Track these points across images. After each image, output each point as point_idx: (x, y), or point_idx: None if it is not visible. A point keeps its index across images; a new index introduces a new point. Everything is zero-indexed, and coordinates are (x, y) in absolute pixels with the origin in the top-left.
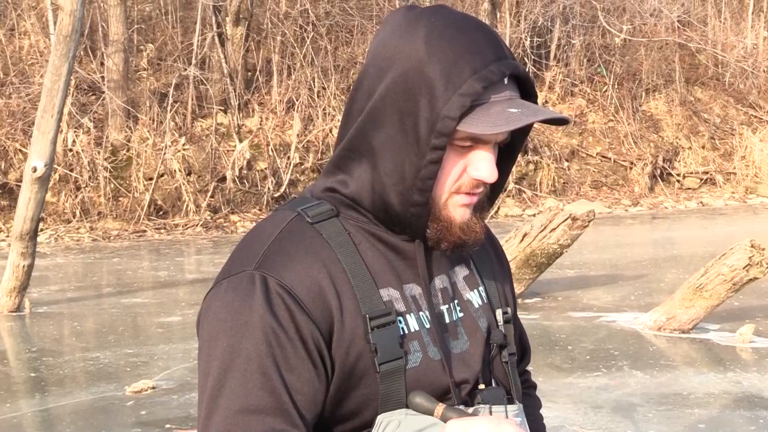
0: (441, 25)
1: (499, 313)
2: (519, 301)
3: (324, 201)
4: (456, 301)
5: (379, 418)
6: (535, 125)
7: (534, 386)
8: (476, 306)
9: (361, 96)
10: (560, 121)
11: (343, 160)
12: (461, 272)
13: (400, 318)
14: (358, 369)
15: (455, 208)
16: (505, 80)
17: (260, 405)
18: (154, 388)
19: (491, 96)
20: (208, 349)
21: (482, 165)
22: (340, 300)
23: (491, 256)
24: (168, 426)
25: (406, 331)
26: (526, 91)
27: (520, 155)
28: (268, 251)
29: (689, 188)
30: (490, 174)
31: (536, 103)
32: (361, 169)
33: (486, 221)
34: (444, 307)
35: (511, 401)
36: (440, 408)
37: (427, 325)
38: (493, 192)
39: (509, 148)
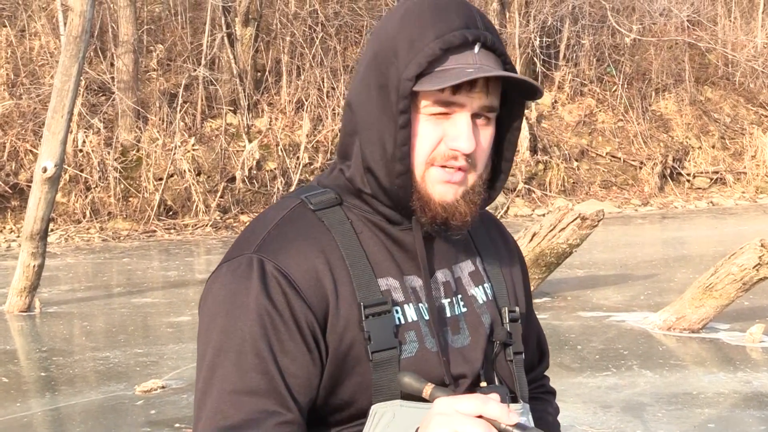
0: (418, 3)
1: (505, 311)
2: None
3: (329, 189)
4: (459, 296)
5: (374, 408)
6: (544, 125)
7: (552, 392)
8: (480, 302)
9: (354, 84)
10: (530, 91)
11: (343, 146)
12: (466, 268)
13: (398, 308)
14: (351, 356)
15: (433, 184)
16: (476, 49)
17: (253, 386)
18: (163, 387)
19: (454, 61)
20: (206, 331)
21: (457, 133)
22: (336, 286)
23: (502, 253)
24: (177, 425)
25: (403, 321)
26: (507, 70)
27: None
28: (268, 236)
29: (699, 188)
30: (466, 142)
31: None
32: (355, 149)
33: (490, 211)
34: (446, 301)
35: (514, 400)
36: (429, 387)
37: (426, 317)
38: (492, 178)
39: (509, 135)
